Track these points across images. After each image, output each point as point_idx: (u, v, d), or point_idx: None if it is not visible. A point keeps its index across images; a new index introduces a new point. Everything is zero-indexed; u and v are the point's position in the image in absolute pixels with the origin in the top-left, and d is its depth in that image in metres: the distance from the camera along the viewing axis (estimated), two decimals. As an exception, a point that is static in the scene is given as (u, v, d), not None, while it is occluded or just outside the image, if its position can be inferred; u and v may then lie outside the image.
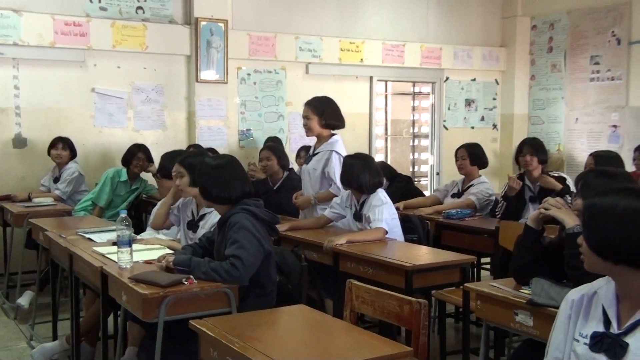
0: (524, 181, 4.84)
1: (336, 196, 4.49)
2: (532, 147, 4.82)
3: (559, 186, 4.61)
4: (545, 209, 2.70)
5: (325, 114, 4.62)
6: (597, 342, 1.86)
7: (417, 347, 2.20)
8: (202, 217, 3.58)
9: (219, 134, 6.67)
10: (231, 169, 3.15)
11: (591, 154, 4.92)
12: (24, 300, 5.03)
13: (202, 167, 3.20)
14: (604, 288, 1.92)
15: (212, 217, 3.47)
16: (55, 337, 4.19)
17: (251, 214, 2.99)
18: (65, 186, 5.73)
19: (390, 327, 3.85)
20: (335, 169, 4.52)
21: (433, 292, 4.04)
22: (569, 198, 4.24)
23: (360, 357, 1.97)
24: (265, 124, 7.00)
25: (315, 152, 4.70)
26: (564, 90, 7.90)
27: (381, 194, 4.15)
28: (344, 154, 4.58)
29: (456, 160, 5.28)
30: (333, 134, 4.69)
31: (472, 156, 5.17)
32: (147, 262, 3.09)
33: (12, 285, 5.51)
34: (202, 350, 2.30)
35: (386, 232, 3.99)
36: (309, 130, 4.68)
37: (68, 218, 5.06)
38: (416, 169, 8.38)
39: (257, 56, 6.84)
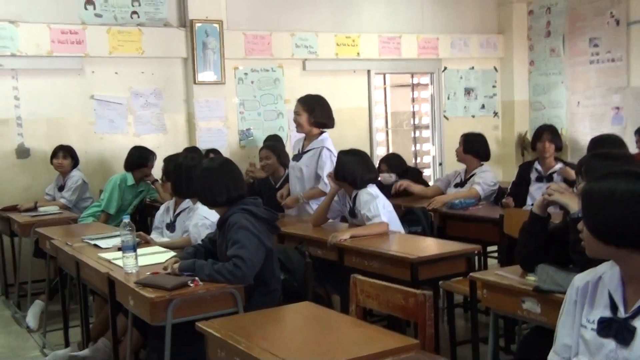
0: (532, 166, 4.87)
1: (324, 193, 4.50)
2: (551, 134, 4.83)
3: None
4: (549, 195, 2.69)
5: (315, 111, 4.65)
6: (605, 327, 1.86)
7: (424, 339, 2.19)
8: (179, 215, 3.81)
9: (219, 134, 6.67)
10: (220, 172, 3.17)
11: (591, 139, 4.90)
12: (31, 318, 5.01)
13: (195, 172, 3.25)
14: (608, 273, 1.92)
15: (197, 212, 3.65)
16: (67, 344, 4.21)
17: (250, 213, 3.00)
18: (71, 194, 5.76)
19: (399, 320, 3.85)
20: (326, 165, 4.55)
21: (440, 282, 4.03)
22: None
23: (366, 352, 1.97)
24: (265, 123, 7.00)
25: (306, 149, 4.72)
26: (563, 75, 7.87)
27: (370, 189, 4.12)
28: (334, 151, 4.60)
29: (459, 148, 5.27)
30: (322, 132, 4.71)
31: (465, 144, 5.12)
32: (154, 273, 3.06)
33: (22, 295, 5.53)
34: (210, 350, 2.31)
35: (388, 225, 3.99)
36: (298, 126, 4.73)
37: (74, 225, 5.08)
38: (418, 160, 8.36)
39: (253, 55, 6.84)
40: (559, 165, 4.83)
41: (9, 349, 4.64)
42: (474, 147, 5.13)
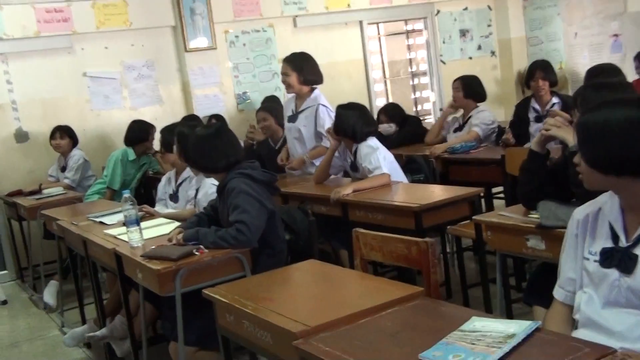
0: (529, 104, 4.84)
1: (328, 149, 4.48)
2: (544, 71, 4.77)
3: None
4: (546, 130, 2.66)
5: (304, 70, 4.59)
6: (607, 257, 1.86)
7: (429, 286, 2.19)
8: (180, 185, 3.82)
9: (216, 101, 6.62)
10: (217, 138, 3.15)
11: (587, 70, 4.82)
12: (49, 297, 5.08)
13: (189, 140, 3.24)
14: (608, 203, 1.91)
15: (205, 185, 3.61)
16: (84, 322, 4.27)
17: (248, 177, 3.00)
18: (73, 174, 5.78)
19: (409, 270, 3.87)
20: (325, 122, 4.51)
21: (448, 228, 4.04)
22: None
23: (372, 303, 1.97)
24: (260, 84, 6.93)
25: (300, 109, 4.67)
26: (559, 6, 7.72)
27: (370, 141, 4.10)
28: (330, 106, 4.57)
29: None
30: (313, 89, 4.66)
31: (465, 88, 5.07)
32: (160, 246, 3.08)
33: (37, 277, 5.60)
34: (219, 316, 2.33)
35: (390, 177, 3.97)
36: (288, 87, 4.66)
37: (79, 205, 5.10)
38: (419, 107, 8.29)
39: (242, 17, 6.73)
40: (555, 100, 4.78)
41: (29, 330, 4.73)
42: (473, 90, 5.09)
